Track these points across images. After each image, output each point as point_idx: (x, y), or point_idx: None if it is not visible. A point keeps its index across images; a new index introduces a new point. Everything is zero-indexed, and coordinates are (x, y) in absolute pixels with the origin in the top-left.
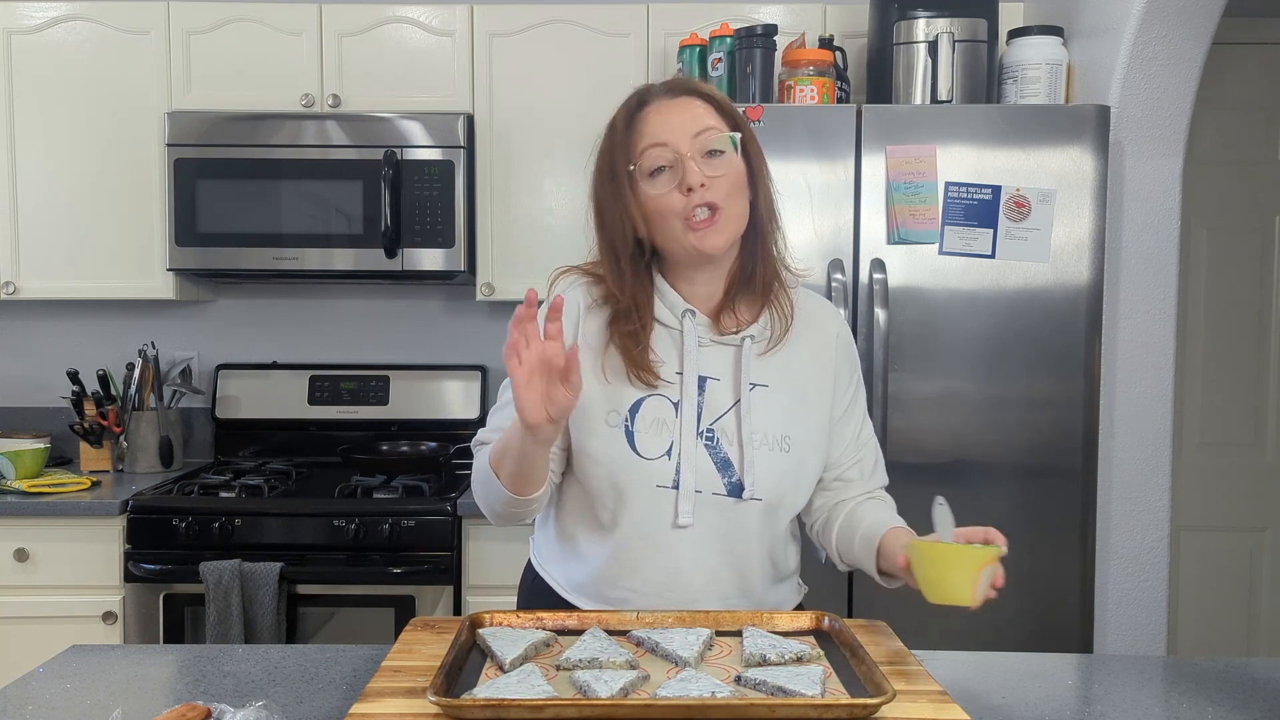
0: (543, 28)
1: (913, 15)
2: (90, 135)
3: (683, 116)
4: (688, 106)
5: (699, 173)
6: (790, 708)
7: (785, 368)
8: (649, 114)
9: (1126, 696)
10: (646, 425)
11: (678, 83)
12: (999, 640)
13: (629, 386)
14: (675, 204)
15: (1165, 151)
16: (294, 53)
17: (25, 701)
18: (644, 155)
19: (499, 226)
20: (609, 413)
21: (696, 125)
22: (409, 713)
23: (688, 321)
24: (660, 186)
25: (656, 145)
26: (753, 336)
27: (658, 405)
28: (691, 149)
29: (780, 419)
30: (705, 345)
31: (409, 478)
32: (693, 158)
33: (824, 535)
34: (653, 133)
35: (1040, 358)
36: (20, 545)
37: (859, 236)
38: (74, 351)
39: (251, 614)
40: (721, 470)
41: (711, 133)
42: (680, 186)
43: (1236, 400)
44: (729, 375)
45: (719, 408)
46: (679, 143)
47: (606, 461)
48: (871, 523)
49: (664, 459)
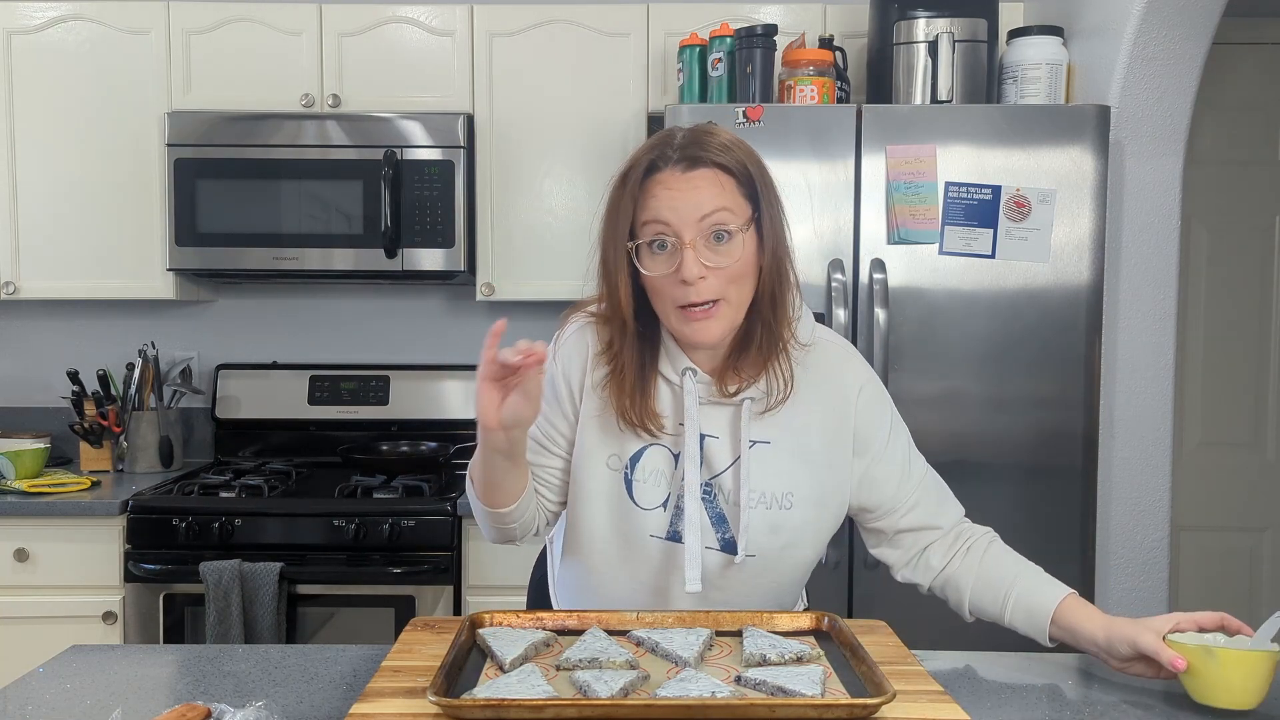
0: (543, 28)
1: (913, 15)
2: (90, 135)
3: (692, 197)
4: (699, 184)
5: (698, 266)
6: (790, 708)
7: (790, 424)
8: (658, 186)
9: (1126, 696)
10: (646, 475)
11: (694, 150)
12: (999, 640)
13: (632, 435)
14: (671, 291)
15: (1165, 151)
16: (294, 53)
17: (25, 701)
18: (644, 229)
19: (499, 226)
20: (610, 456)
21: (705, 207)
22: (409, 713)
23: (688, 380)
24: (658, 266)
25: (658, 223)
26: (752, 398)
27: (657, 456)
28: (695, 233)
29: (784, 476)
30: (704, 403)
31: (409, 478)
32: (694, 245)
33: (946, 590)
34: (656, 209)
35: (1040, 358)
36: (20, 545)
37: (859, 236)
38: (74, 351)
39: (251, 614)
40: (716, 526)
41: (720, 215)
42: (676, 274)
43: (1236, 400)
44: (727, 434)
45: (717, 465)
46: (681, 227)
47: (606, 508)
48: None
49: (659, 510)
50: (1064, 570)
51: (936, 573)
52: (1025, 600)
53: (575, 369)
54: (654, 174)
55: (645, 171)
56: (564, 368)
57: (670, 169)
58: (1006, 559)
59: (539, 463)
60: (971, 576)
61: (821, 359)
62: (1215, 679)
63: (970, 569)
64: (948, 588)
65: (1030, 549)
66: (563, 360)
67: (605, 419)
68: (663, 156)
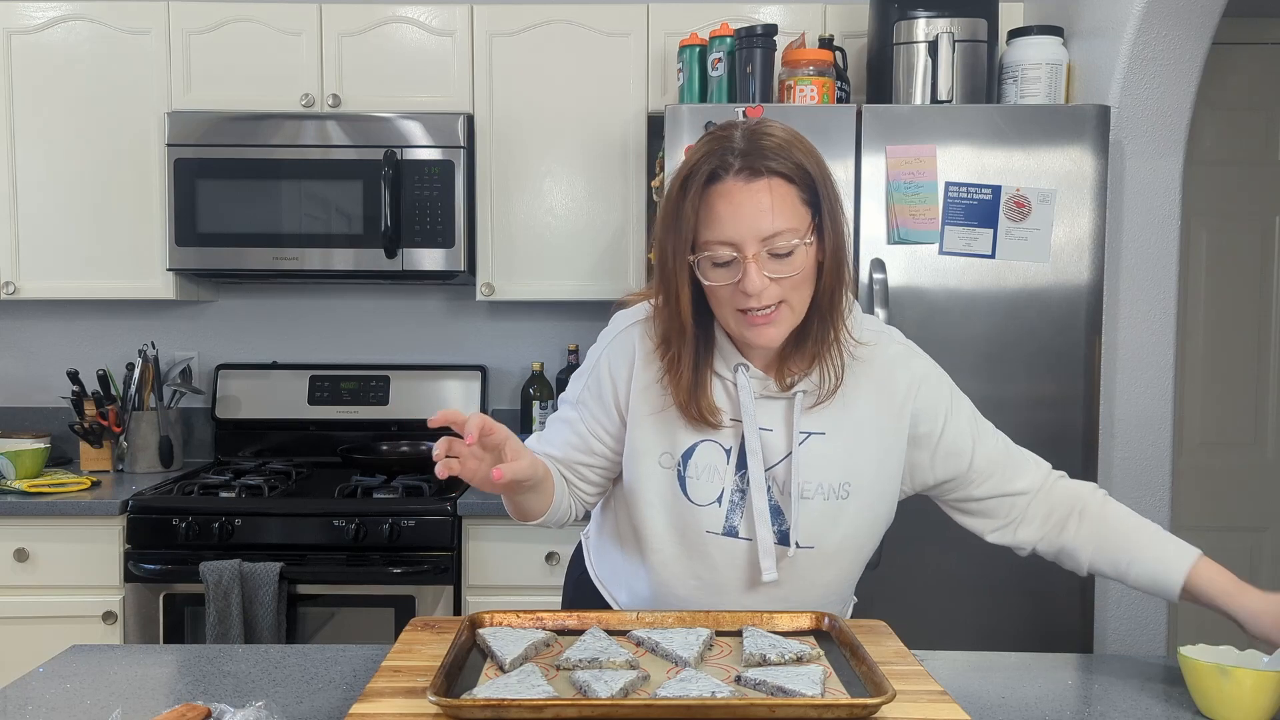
0: (543, 28)
1: (913, 15)
2: (90, 135)
3: (755, 212)
4: (762, 197)
5: (761, 279)
6: (790, 708)
7: (844, 415)
8: (719, 199)
9: (1126, 696)
10: (699, 471)
11: (755, 159)
12: (999, 640)
13: (683, 430)
14: (733, 298)
15: (1165, 151)
16: (294, 53)
17: (25, 701)
18: (707, 246)
19: (499, 226)
20: (662, 455)
21: (767, 228)
22: (409, 713)
23: (741, 376)
24: (720, 278)
25: (722, 244)
26: (804, 391)
27: (710, 451)
28: (758, 250)
29: (839, 466)
30: (758, 398)
31: (409, 478)
32: (757, 259)
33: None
34: (719, 228)
35: (1040, 358)
36: (20, 545)
37: (859, 236)
38: (74, 351)
39: (251, 614)
40: (773, 518)
41: (783, 237)
42: (739, 286)
43: (1236, 400)
44: (781, 426)
45: (772, 458)
46: (744, 243)
47: (660, 504)
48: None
49: (714, 506)
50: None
51: (1036, 540)
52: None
53: (622, 369)
54: (715, 183)
55: (706, 180)
56: (610, 367)
57: (732, 179)
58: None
59: (580, 460)
60: (1090, 547)
61: (881, 355)
62: (1227, 696)
63: (1087, 538)
64: (1062, 556)
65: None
66: (609, 360)
67: (657, 418)
68: (724, 165)
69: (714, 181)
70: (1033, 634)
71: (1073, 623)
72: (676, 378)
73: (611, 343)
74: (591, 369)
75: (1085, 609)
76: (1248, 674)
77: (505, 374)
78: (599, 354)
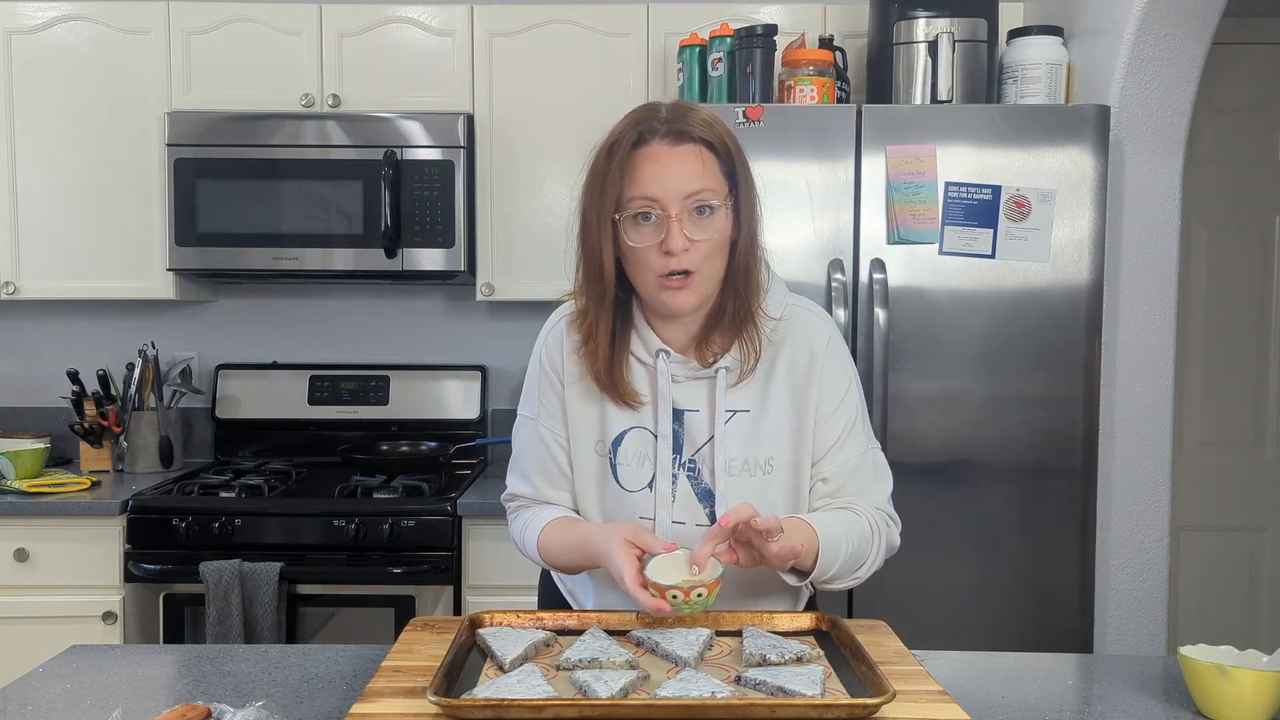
0: (543, 28)
1: (913, 15)
2: (90, 135)
3: (679, 171)
4: (687, 159)
5: (682, 237)
6: (790, 708)
7: (766, 392)
8: (645, 160)
9: (1126, 696)
10: (629, 458)
11: (679, 124)
12: (999, 640)
13: (612, 418)
14: (653, 261)
15: (1165, 151)
16: (294, 53)
17: (25, 701)
18: (631, 203)
19: (499, 226)
20: (597, 442)
21: (691, 184)
22: (409, 713)
23: (660, 361)
24: (642, 238)
25: (645, 199)
26: (727, 368)
27: (639, 438)
28: (681, 207)
29: (764, 442)
30: (680, 381)
31: (409, 478)
32: (679, 218)
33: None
34: (644, 184)
35: (1040, 358)
36: (20, 545)
37: (859, 236)
38: (74, 351)
39: (251, 614)
40: (703, 501)
41: (705, 193)
42: (660, 246)
43: (1236, 400)
44: (706, 406)
45: (699, 439)
46: (668, 201)
47: (596, 492)
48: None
49: (645, 491)
50: (1064, 570)
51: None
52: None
53: (557, 359)
54: (641, 147)
55: (632, 145)
56: (550, 359)
57: (658, 142)
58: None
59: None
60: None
61: (792, 326)
62: (1227, 696)
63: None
64: None
65: (1030, 549)
66: (547, 352)
67: (585, 403)
68: (650, 129)
69: (640, 145)
70: (1033, 634)
71: (1073, 623)
72: (593, 349)
73: (546, 336)
74: (537, 370)
75: (1085, 609)
76: (1248, 674)
77: (505, 374)
78: (538, 352)
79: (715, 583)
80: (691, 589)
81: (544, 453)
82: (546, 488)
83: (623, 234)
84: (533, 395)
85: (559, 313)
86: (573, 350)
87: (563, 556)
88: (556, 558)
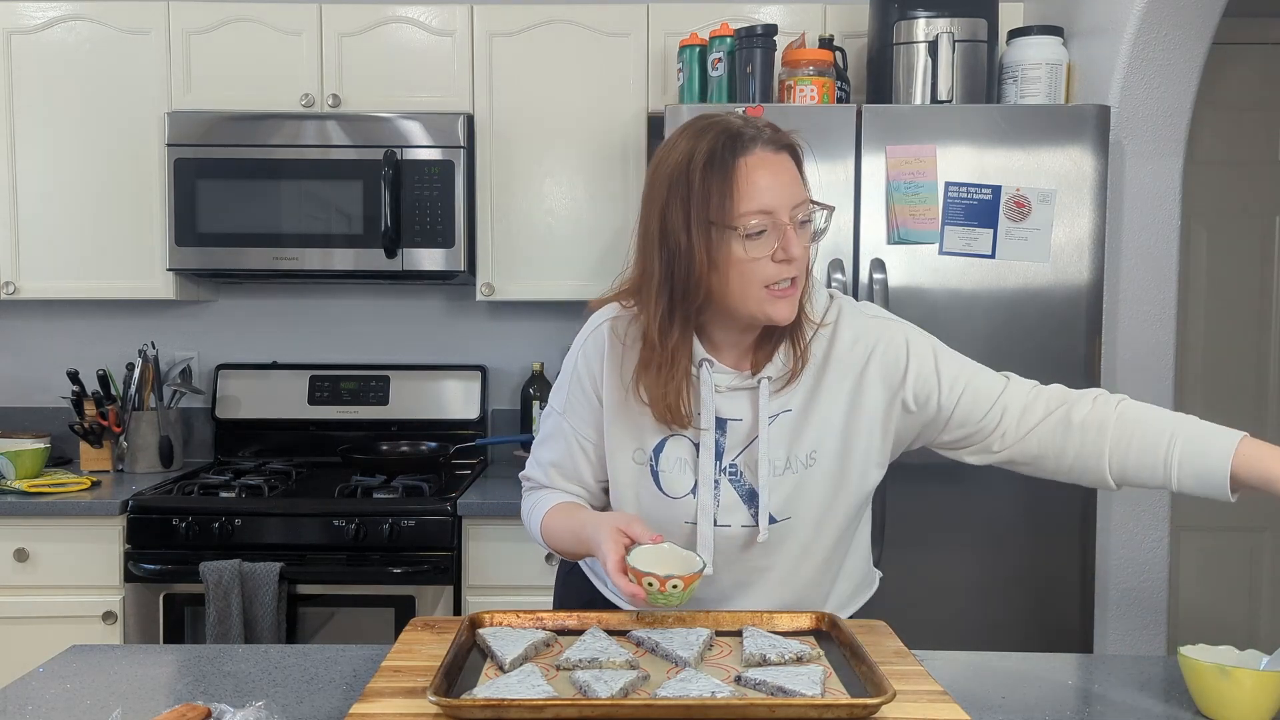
0: (543, 28)
1: (913, 15)
2: (90, 135)
3: (788, 181)
4: (788, 167)
5: (800, 245)
6: (790, 708)
7: (814, 392)
8: (753, 168)
9: (1126, 696)
10: (671, 465)
11: (778, 132)
12: (999, 640)
13: (650, 427)
14: (767, 271)
15: (1165, 151)
16: (294, 53)
17: (25, 701)
18: (745, 218)
19: (499, 226)
20: (635, 450)
21: (799, 194)
22: (409, 713)
23: (705, 371)
24: (757, 250)
25: (764, 213)
26: (770, 377)
27: (678, 445)
28: (790, 216)
29: (807, 438)
30: (721, 392)
31: (409, 478)
32: (794, 225)
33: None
34: (760, 196)
35: (1040, 358)
36: (20, 545)
37: (859, 236)
38: (74, 351)
39: (251, 614)
40: (748, 502)
41: (807, 207)
42: (776, 254)
43: (1236, 400)
44: (749, 414)
45: (740, 444)
46: (781, 210)
47: (636, 500)
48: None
49: (689, 497)
50: (1064, 570)
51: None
52: (1191, 463)
53: (596, 365)
54: (745, 155)
55: (733, 154)
56: (587, 363)
57: (762, 149)
58: (1147, 415)
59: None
60: (1107, 443)
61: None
62: (1227, 696)
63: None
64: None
65: (1030, 549)
66: (585, 357)
67: (626, 414)
68: (751, 138)
69: (743, 154)
70: (1033, 634)
71: (1073, 623)
72: (664, 378)
73: (585, 341)
74: (571, 371)
75: (1085, 609)
76: (1248, 674)
77: (505, 374)
78: (575, 354)
79: (692, 577)
80: (667, 579)
81: (563, 448)
82: (560, 479)
83: (735, 248)
84: (563, 393)
85: (600, 316)
86: (614, 359)
87: (561, 540)
88: (556, 541)
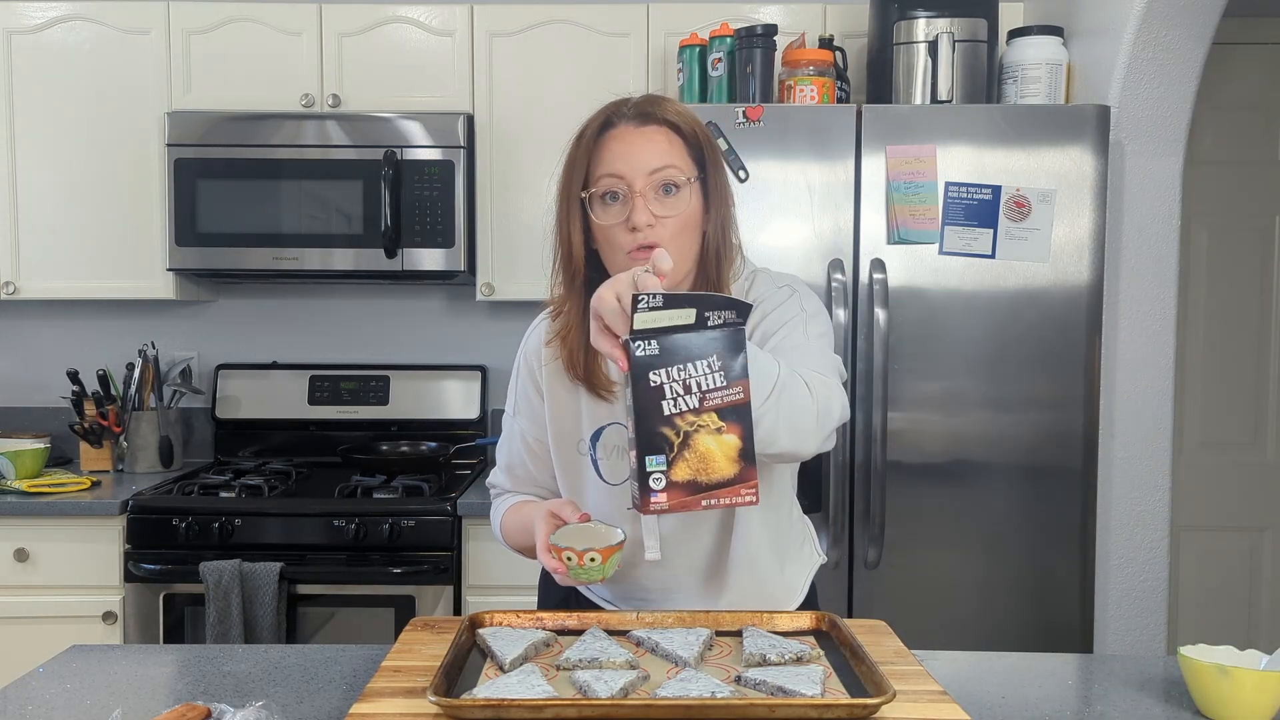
0: (543, 28)
1: (913, 15)
2: (90, 135)
3: (644, 150)
4: (652, 138)
5: (647, 213)
6: (790, 708)
7: None
8: (611, 140)
9: (1126, 696)
10: (608, 452)
11: (646, 107)
12: (999, 640)
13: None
14: (621, 238)
15: (1165, 151)
16: (294, 53)
17: (25, 701)
18: (598, 183)
19: (499, 226)
20: (578, 442)
21: (655, 161)
22: (409, 713)
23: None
24: (610, 216)
25: (611, 176)
26: None
27: (615, 434)
28: (646, 185)
29: None
30: None
31: (409, 478)
32: (644, 194)
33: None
34: (610, 162)
35: (1040, 358)
36: (20, 545)
37: (859, 236)
38: (74, 351)
39: (251, 614)
40: None
41: (669, 170)
42: (627, 223)
43: (1236, 400)
44: None
45: None
46: (634, 178)
47: (582, 490)
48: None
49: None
50: (1064, 570)
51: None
52: None
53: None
54: (608, 130)
55: (600, 129)
56: (528, 356)
57: (624, 124)
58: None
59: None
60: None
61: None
62: (1227, 696)
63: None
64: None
65: (1030, 549)
66: (526, 351)
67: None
68: (617, 114)
69: (607, 129)
70: (1033, 634)
71: (1073, 623)
72: (566, 334)
73: (528, 335)
74: (517, 368)
75: (1085, 609)
76: (1248, 674)
77: (505, 374)
78: (520, 349)
79: (610, 549)
80: (585, 552)
81: (515, 448)
82: (516, 482)
83: (591, 214)
84: (514, 393)
85: (545, 313)
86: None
87: (517, 539)
88: (514, 542)
